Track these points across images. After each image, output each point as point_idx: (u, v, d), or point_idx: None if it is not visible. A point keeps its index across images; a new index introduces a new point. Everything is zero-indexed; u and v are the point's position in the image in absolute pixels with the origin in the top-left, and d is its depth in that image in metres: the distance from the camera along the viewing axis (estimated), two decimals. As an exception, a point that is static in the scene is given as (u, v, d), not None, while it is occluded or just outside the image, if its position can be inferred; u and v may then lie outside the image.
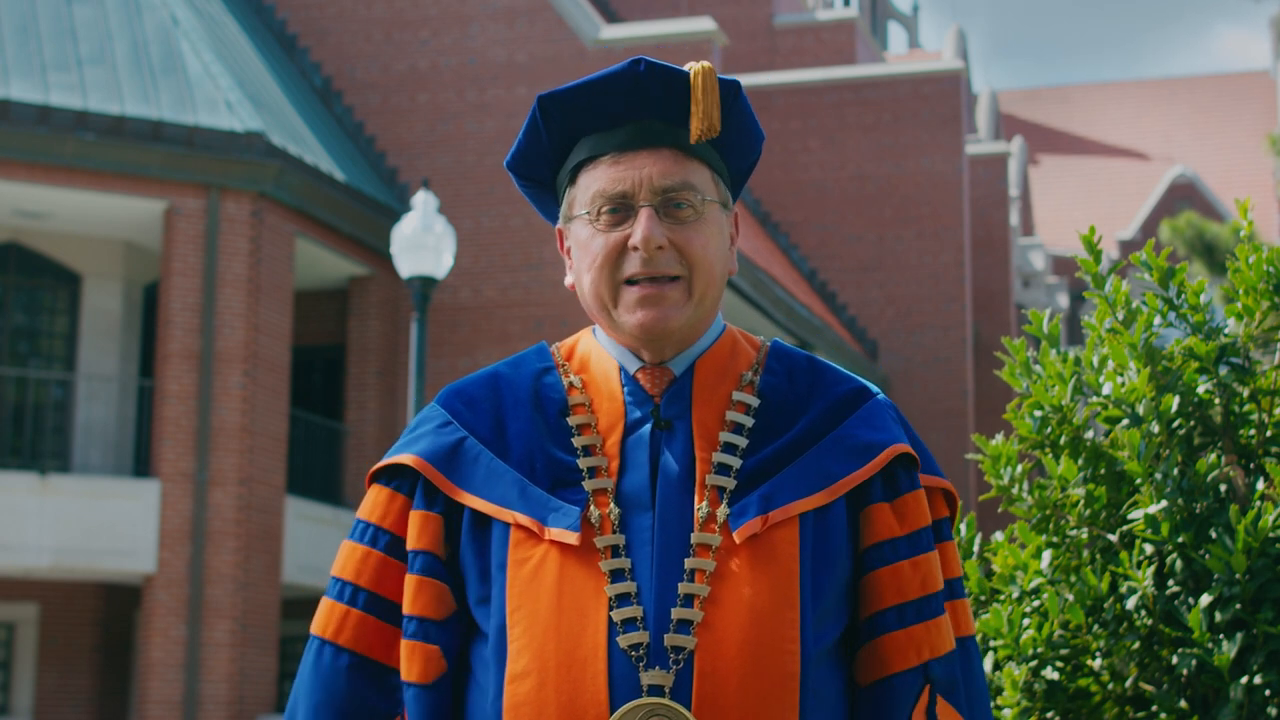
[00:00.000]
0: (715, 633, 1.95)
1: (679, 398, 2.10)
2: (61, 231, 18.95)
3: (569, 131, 2.12)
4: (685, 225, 2.06)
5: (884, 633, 2.06)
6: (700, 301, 2.08)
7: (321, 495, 19.53)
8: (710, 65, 2.09)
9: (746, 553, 2.00)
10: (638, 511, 2.03)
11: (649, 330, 2.06)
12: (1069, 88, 55.73)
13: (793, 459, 2.07)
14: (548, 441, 2.08)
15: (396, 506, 2.12)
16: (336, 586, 2.12)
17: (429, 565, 2.07)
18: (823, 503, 2.04)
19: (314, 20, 22.36)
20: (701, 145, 2.10)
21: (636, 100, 2.09)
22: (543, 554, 2.01)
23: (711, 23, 21.30)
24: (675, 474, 2.04)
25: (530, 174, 2.18)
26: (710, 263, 2.08)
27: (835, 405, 2.12)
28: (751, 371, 2.14)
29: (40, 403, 19.04)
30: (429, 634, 2.05)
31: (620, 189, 2.06)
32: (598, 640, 1.95)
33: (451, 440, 2.11)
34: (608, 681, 1.93)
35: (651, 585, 1.98)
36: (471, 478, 2.08)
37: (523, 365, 2.18)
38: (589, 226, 2.09)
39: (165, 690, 16.78)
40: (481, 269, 20.57)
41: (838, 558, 2.04)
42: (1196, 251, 28.65)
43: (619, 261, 2.06)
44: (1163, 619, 2.88)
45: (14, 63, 17.70)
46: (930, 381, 26.06)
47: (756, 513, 2.01)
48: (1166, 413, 2.96)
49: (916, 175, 26.57)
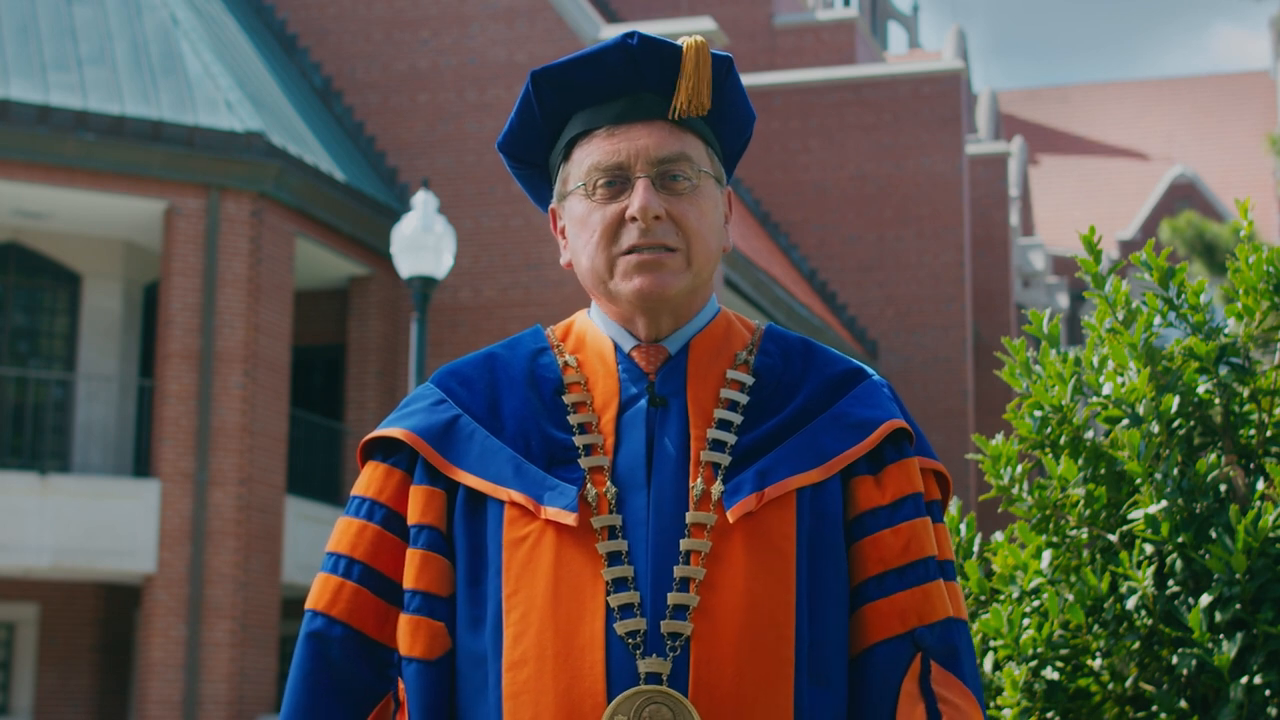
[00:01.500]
0: (712, 619, 1.94)
1: (674, 375, 2.08)
2: (61, 231, 18.94)
3: (562, 108, 2.10)
4: (681, 197, 2.05)
5: (865, 602, 2.03)
6: (697, 272, 2.06)
7: (321, 495, 19.53)
8: (704, 40, 2.08)
9: (742, 532, 1.98)
10: (633, 490, 2.01)
11: (646, 296, 2.04)
12: (1069, 88, 55.70)
13: (788, 436, 2.05)
14: (543, 420, 2.06)
15: (394, 482, 2.09)
16: (331, 560, 2.09)
17: (433, 540, 2.05)
18: (818, 479, 2.02)
19: (314, 20, 22.36)
20: (695, 120, 2.09)
21: (630, 74, 2.07)
22: (538, 533, 1.99)
23: (711, 23, 21.29)
24: (670, 451, 2.03)
25: (522, 154, 2.17)
26: (706, 234, 2.07)
27: (830, 384, 2.11)
28: (746, 351, 2.13)
29: (40, 403, 19.03)
30: (435, 610, 2.03)
31: (616, 160, 2.05)
32: (595, 627, 1.94)
33: (445, 418, 2.09)
34: (605, 670, 1.92)
35: (648, 568, 1.96)
36: (466, 455, 2.06)
37: (518, 346, 2.17)
38: (585, 201, 2.07)
39: (165, 690, 16.78)
40: (481, 269, 20.57)
41: (834, 535, 2.03)
42: (1196, 251, 28.66)
43: (617, 234, 2.05)
44: (1163, 619, 2.88)
45: (14, 63, 17.70)
46: (930, 381, 26.05)
47: (751, 489, 1.99)
48: (1166, 413, 2.95)
49: (916, 175, 26.57)
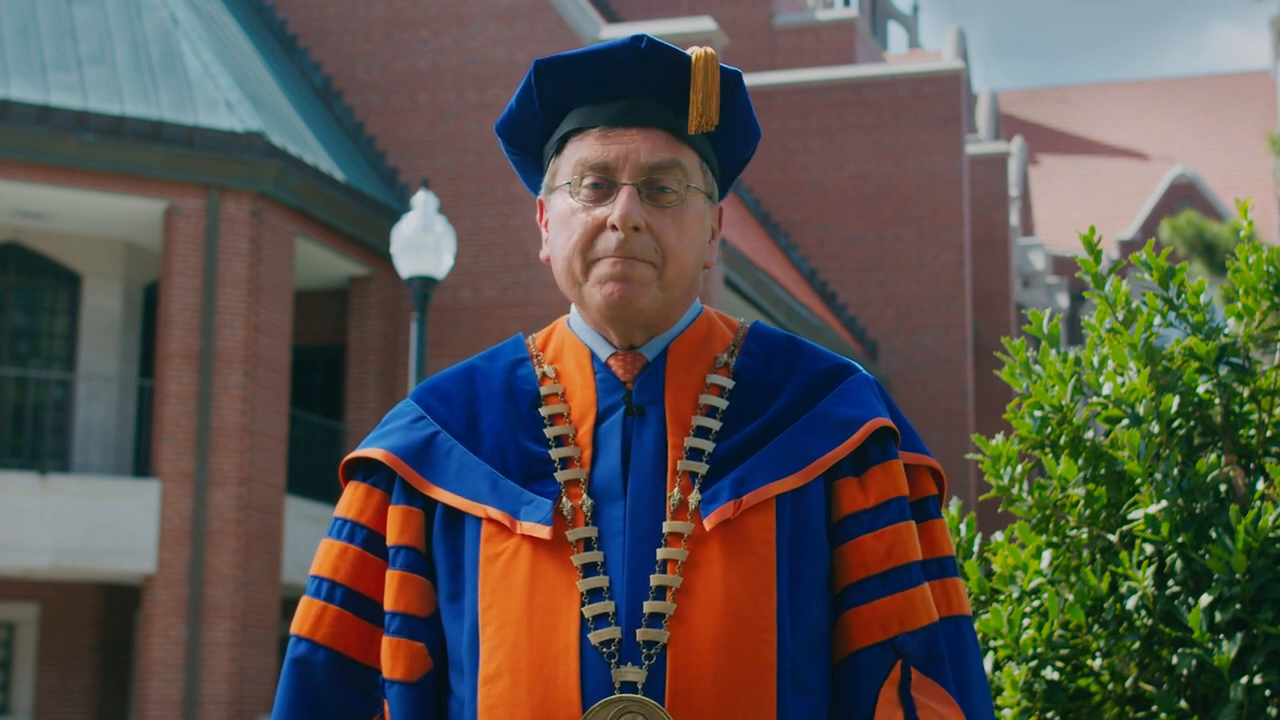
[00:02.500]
0: (688, 625, 1.91)
1: (651, 383, 2.04)
2: (61, 231, 18.95)
3: (562, 101, 2.07)
4: (665, 210, 2.01)
5: (848, 608, 1.99)
6: (668, 289, 2.02)
7: (321, 495, 19.53)
8: (713, 51, 2.03)
9: (720, 540, 1.94)
10: (610, 501, 1.98)
11: (615, 306, 2.00)
12: (1069, 88, 55.71)
13: (768, 440, 2.01)
14: (520, 433, 2.04)
15: (374, 502, 2.08)
16: (314, 584, 2.08)
17: (412, 561, 2.03)
18: (799, 484, 1.98)
19: (314, 20, 22.36)
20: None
21: (634, 77, 2.03)
22: (514, 548, 1.96)
23: (711, 23, 21.30)
24: (647, 461, 1.99)
25: (519, 140, 2.13)
26: (683, 252, 2.02)
27: (813, 383, 2.06)
28: (727, 353, 2.09)
29: (40, 403, 19.03)
30: (414, 631, 2.02)
31: (604, 160, 2.01)
32: (569, 638, 1.91)
33: (423, 435, 2.07)
34: (579, 680, 1.89)
35: (624, 578, 1.93)
36: (444, 472, 2.04)
37: (498, 358, 2.14)
38: (569, 200, 2.03)
39: (165, 690, 16.78)
40: (481, 269, 20.57)
41: (816, 540, 1.99)
42: (1196, 251, 28.66)
43: (594, 239, 2.01)
44: (1163, 619, 2.88)
45: (14, 63, 17.70)
46: (930, 381, 26.05)
47: (729, 497, 1.96)
48: (1166, 413, 2.95)
49: (916, 175, 26.57)
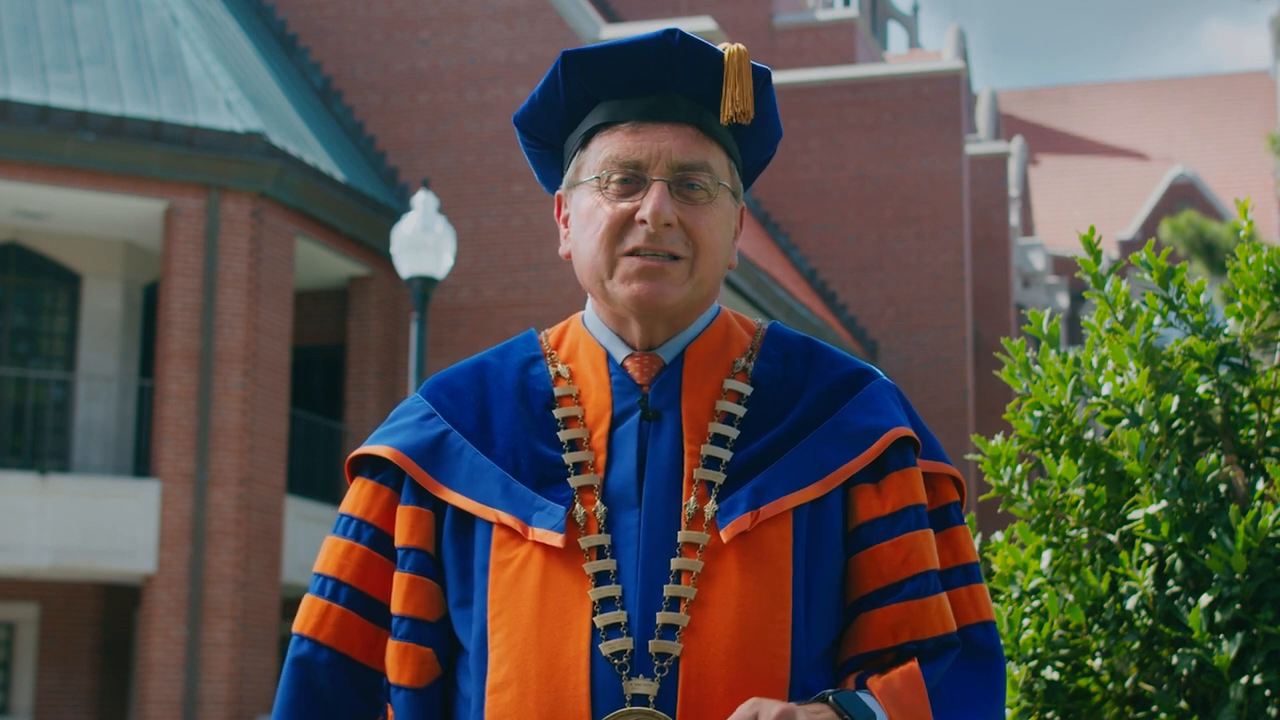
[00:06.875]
0: (702, 638, 1.86)
1: (668, 386, 1.99)
2: (61, 231, 18.94)
3: (588, 94, 2.02)
4: (696, 206, 1.97)
5: (860, 614, 1.95)
6: (699, 284, 1.98)
7: (321, 495, 19.53)
8: (745, 49, 2.00)
9: (736, 551, 1.89)
10: (624, 509, 1.93)
11: (643, 304, 1.95)
12: (1069, 88, 55.70)
13: (786, 449, 1.96)
14: (533, 436, 1.99)
15: (381, 500, 2.02)
16: (319, 582, 2.03)
17: (421, 563, 1.98)
18: (817, 495, 1.94)
19: (314, 20, 22.36)
20: (722, 130, 2.01)
21: (664, 72, 1.99)
22: (525, 555, 1.92)
23: (711, 23, 21.29)
24: (663, 468, 1.94)
25: (538, 133, 2.08)
26: (715, 247, 1.98)
27: (832, 389, 2.01)
28: (745, 358, 2.04)
29: (40, 403, 19.03)
30: (422, 635, 1.97)
31: (635, 158, 1.97)
32: (580, 648, 1.86)
33: (434, 434, 2.02)
34: (589, 691, 1.85)
35: (637, 588, 1.89)
36: (454, 474, 1.99)
37: (510, 354, 2.08)
38: (595, 194, 1.98)
39: (165, 690, 16.78)
40: (481, 269, 20.57)
41: (833, 551, 1.94)
42: (1196, 251, 28.66)
43: (622, 233, 1.96)
44: (1163, 619, 2.88)
45: (14, 63, 17.69)
46: (930, 381, 26.05)
47: (746, 508, 1.91)
48: (1166, 413, 2.95)
49: (916, 175, 26.57)
